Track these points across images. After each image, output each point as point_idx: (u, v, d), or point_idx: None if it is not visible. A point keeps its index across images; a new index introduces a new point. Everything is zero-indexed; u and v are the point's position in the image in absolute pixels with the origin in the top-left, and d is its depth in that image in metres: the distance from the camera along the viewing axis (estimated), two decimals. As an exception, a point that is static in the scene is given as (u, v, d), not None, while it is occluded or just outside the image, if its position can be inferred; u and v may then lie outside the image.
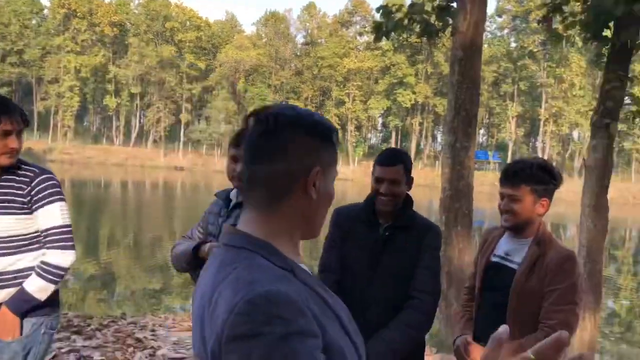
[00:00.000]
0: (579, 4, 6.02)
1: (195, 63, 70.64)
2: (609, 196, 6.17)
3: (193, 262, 2.24)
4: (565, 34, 6.42)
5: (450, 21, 5.83)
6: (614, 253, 23.39)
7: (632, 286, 15.84)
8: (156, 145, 69.55)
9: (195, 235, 2.49)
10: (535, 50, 59.37)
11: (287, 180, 1.04)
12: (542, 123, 63.45)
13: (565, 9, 6.21)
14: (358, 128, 75.81)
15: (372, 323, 2.19)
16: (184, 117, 71.36)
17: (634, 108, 6.09)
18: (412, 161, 2.52)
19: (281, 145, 1.03)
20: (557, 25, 6.38)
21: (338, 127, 70.46)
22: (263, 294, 0.91)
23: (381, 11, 6.17)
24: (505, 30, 69.16)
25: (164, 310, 8.17)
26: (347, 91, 69.37)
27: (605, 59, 5.96)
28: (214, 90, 73.32)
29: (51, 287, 2.38)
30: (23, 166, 2.40)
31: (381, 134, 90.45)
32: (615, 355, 9.50)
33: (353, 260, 2.39)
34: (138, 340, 4.91)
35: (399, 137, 73.75)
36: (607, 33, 5.95)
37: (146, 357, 4.45)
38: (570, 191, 57.59)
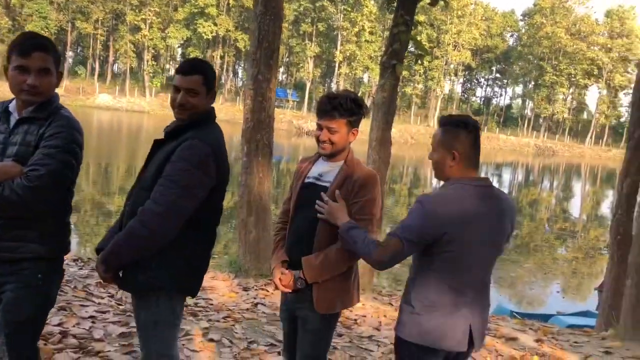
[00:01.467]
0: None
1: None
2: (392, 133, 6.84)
3: None
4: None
5: (256, -50, 5.76)
6: (393, 187, 26.17)
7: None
8: None
9: None
10: (333, -8, 61.60)
11: None
12: (337, 65, 66.68)
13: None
14: (155, 58, 71.99)
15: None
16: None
17: (416, 52, 6.73)
18: (216, 74, 2.48)
19: None
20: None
21: (133, 55, 66.16)
22: None
23: None
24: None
25: None
26: (143, 17, 64.83)
27: (395, 4, 6.44)
28: (-17, 2, 63.21)
29: None
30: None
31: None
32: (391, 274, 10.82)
33: None
34: None
35: (199, 69, 71.88)
36: (398, -22, 6.41)
37: None
38: (359, 131, 62.28)
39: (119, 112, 56.43)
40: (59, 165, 2.10)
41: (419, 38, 7.23)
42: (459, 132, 2.26)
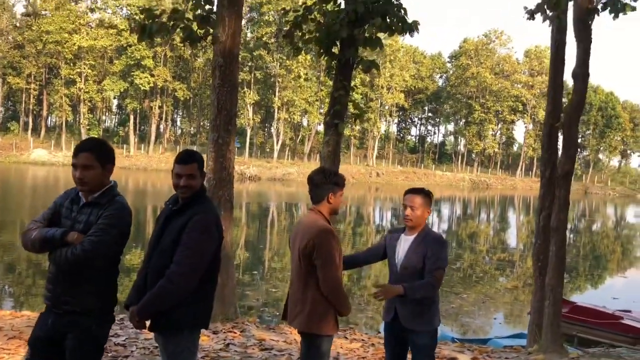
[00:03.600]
0: (314, 24, 7.30)
1: None
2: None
3: (59, 245, 2.73)
4: (303, 47, 7.69)
5: (211, 30, 6.55)
6: (339, 227, 26.98)
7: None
8: None
9: (42, 218, 2.91)
10: (269, 42, 63.31)
11: None
12: (276, 110, 68.02)
13: (304, 27, 7.45)
14: (91, 110, 71.28)
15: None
16: None
17: (354, 112, 7.64)
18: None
19: None
20: (297, 39, 7.59)
21: (69, 108, 65.29)
22: None
23: (145, 14, 6.58)
24: (243, 21, 71.98)
25: None
26: (78, 70, 64.35)
27: (334, 71, 7.35)
28: None
29: None
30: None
31: (117, 117, 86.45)
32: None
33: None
34: None
35: (137, 120, 71.60)
36: (336, 50, 7.35)
37: None
38: (301, 173, 62.79)
39: (56, 167, 55.33)
40: (107, 238, 2.74)
41: (355, 99, 8.14)
42: (431, 198, 3.72)
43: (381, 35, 7.58)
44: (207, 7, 6.55)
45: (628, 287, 17.53)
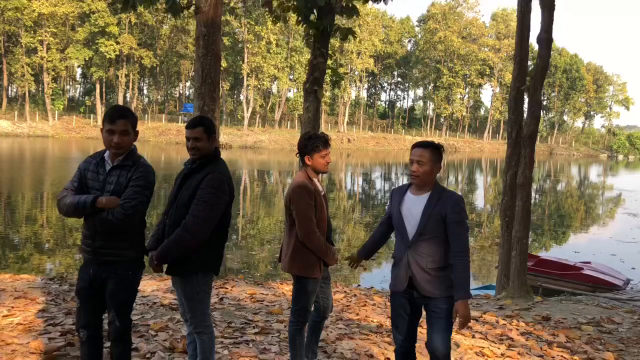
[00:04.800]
0: (292, -7, 7.53)
1: None
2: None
3: (90, 210, 3.04)
4: (281, 15, 7.93)
5: (194, 0, 6.73)
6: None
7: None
8: None
9: (72, 186, 3.21)
10: (236, 7, 62.30)
11: None
12: (245, 77, 67.45)
13: (282, -4, 7.68)
14: (55, 79, 69.49)
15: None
16: None
17: (333, 78, 7.95)
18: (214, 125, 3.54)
19: None
20: (275, 8, 7.81)
21: (31, 78, 63.58)
22: None
23: (127, -16, 6.70)
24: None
25: None
26: (39, 38, 62.44)
27: (312, 39, 7.63)
28: None
29: None
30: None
31: (80, 86, 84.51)
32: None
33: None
34: None
35: (103, 89, 70.25)
36: (313, 18, 7.61)
37: None
38: (272, 140, 62.75)
39: (20, 138, 54.21)
40: (143, 199, 3.12)
41: (333, 66, 8.44)
42: (441, 153, 3.34)
43: (357, 3, 7.86)
44: (189, -23, 6.71)
45: (589, 242, 18.49)
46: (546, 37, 7.06)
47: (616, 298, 9.03)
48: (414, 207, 3.28)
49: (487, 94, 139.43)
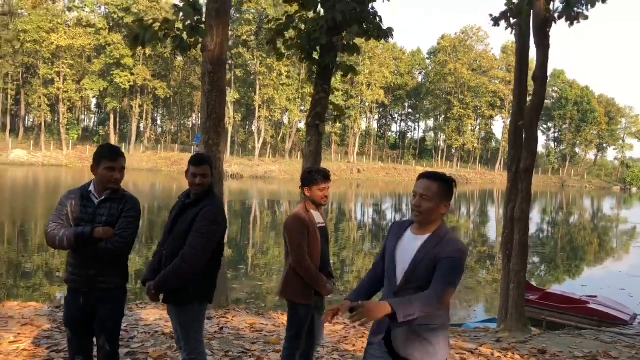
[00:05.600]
0: (295, 31, 7.84)
1: None
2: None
3: (88, 240, 3.25)
4: (285, 53, 8.23)
5: (200, 39, 7.03)
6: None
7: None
8: None
9: (59, 219, 3.41)
10: (249, 40, 63.55)
11: None
12: (257, 108, 68.30)
13: (286, 34, 7.98)
14: (70, 109, 70.74)
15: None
16: None
17: (335, 113, 8.18)
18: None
19: None
20: (280, 45, 8.12)
21: (47, 108, 64.83)
22: None
23: (138, 23, 7.04)
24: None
25: None
26: (57, 69, 63.93)
27: (315, 75, 7.89)
28: None
29: None
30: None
31: (95, 116, 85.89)
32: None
33: None
34: None
35: (117, 119, 71.38)
36: (316, 55, 7.89)
37: None
38: (283, 170, 63.17)
39: (35, 167, 55.06)
40: (135, 229, 3.40)
41: (335, 100, 8.70)
42: (452, 188, 2.78)
43: (358, 40, 8.14)
44: (197, 17, 7.03)
45: (598, 275, 18.36)
46: (541, 75, 7.26)
47: (622, 333, 8.99)
48: (409, 247, 2.75)
49: (499, 125, 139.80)
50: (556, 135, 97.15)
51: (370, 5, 7.79)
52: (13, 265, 13.84)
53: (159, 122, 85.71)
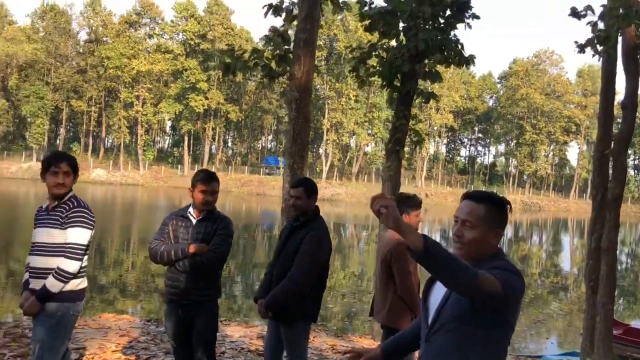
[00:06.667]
0: (378, 59, 8.03)
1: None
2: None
3: (184, 256, 3.59)
4: (367, 80, 8.43)
5: (288, 68, 7.34)
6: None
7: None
8: None
9: (161, 237, 3.78)
10: (319, 65, 64.68)
11: None
12: (325, 132, 69.12)
13: (368, 62, 8.19)
14: (147, 131, 74.10)
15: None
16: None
17: (414, 139, 8.29)
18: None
19: None
20: (362, 73, 8.34)
21: (126, 130, 68.16)
22: None
23: (229, 53, 7.45)
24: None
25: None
26: (136, 93, 67.37)
27: (395, 102, 8.04)
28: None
29: (60, 285, 3.30)
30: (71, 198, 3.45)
31: (169, 138, 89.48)
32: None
33: None
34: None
35: (191, 141, 74.04)
36: (397, 82, 8.04)
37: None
38: (349, 194, 63.04)
39: (113, 186, 57.89)
40: (228, 245, 3.69)
41: (415, 127, 8.82)
42: (505, 211, 2.14)
43: (439, 67, 8.24)
44: (285, 47, 7.36)
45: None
46: (631, 102, 7.10)
47: None
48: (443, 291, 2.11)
49: (574, 151, 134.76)
50: (636, 162, 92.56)
51: (452, 33, 7.89)
52: (90, 280, 14.60)
53: (229, 144, 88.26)
